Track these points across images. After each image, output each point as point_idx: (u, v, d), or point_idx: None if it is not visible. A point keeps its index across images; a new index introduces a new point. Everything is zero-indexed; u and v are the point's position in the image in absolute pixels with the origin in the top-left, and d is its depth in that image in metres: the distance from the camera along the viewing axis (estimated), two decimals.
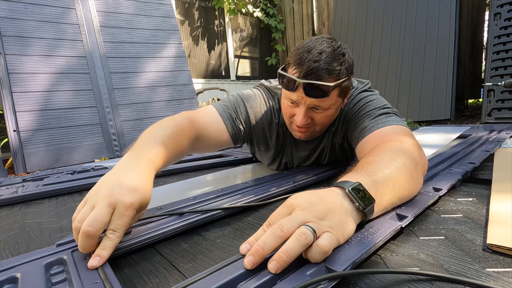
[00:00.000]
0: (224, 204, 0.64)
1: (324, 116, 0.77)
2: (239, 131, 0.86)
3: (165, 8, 2.98)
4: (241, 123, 0.86)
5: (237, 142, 0.88)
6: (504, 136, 1.31)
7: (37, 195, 0.90)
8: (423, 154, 0.62)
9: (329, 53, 0.69)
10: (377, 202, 0.46)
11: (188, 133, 0.72)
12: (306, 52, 0.70)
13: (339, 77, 0.70)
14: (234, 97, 0.89)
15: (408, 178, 0.53)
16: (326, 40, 0.72)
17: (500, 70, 2.75)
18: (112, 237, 0.42)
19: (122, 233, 0.44)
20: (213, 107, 0.85)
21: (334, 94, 0.72)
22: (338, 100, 0.76)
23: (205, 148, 0.83)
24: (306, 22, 5.33)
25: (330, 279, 0.33)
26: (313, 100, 0.72)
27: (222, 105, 0.86)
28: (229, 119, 0.84)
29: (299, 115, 0.76)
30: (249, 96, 0.89)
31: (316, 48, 0.69)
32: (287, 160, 0.99)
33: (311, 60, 0.68)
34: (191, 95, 2.95)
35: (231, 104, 0.86)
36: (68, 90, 2.32)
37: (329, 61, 0.68)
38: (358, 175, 0.49)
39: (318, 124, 0.80)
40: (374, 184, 0.47)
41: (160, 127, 0.66)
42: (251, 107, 0.88)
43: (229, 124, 0.83)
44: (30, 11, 2.27)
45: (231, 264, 0.37)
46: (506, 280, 0.35)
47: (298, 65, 0.70)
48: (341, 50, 0.71)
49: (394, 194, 0.50)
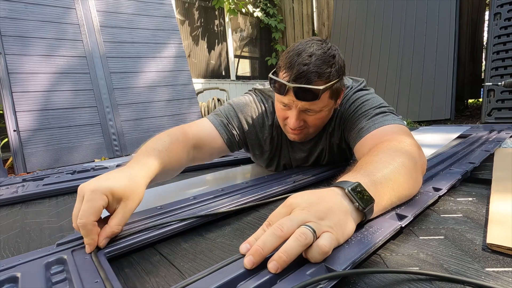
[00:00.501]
0: (224, 204, 0.64)
1: (317, 118, 0.78)
2: (233, 136, 0.87)
3: (165, 8, 2.98)
4: (234, 128, 0.87)
5: (232, 148, 0.89)
6: (504, 136, 1.31)
7: (37, 195, 0.90)
8: (422, 154, 0.62)
9: (319, 56, 0.69)
10: (377, 202, 0.46)
11: (183, 143, 0.73)
12: (296, 55, 0.70)
13: (330, 79, 0.70)
14: (225, 106, 0.91)
15: (407, 178, 0.53)
16: (316, 42, 0.72)
17: (500, 70, 2.75)
18: (80, 222, 0.44)
19: (88, 217, 0.44)
20: (205, 118, 0.87)
21: (325, 96, 0.73)
22: (330, 102, 0.76)
23: (203, 157, 0.84)
24: (306, 22, 5.33)
25: (329, 279, 0.33)
26: (304, 103, 0.72)
27: (213, 115, 0.88)
28: (221, 125, 0.85)
29: (292, 118, 0.76)
30: (239, 102, 0.90)
31: (306, 51, 0.69)
32: (285, 162, 0.99)
33: (300, 63, 0.68)
34: (191, 95, 2.95)
35: (222, 112, 0.88)
36: (68, 90, 2.32)
37: (319, 63, 0.68)
38: (358, 175, 0.49)
39: (311, 126, 0.80)
40: (373, 184, 0.47)
41: (155, 140, 0.69)
42: (242, 112, 0.88)
43: (221, 130, 0.84)
44: (30, 11, 2.27)
45: (231, 263, 0.37)
46: (505, 280, 0.35)
47: (288, 69, 0.70)
48: (331, 52, 0.71)
49: (394, 194, 0.51)
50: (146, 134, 2.58)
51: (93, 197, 0.45)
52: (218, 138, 0.84)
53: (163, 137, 0.70)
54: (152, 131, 2.61)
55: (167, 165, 0.65)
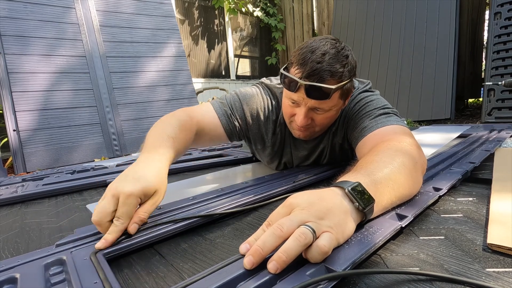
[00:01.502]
0: (224, 204, 0.64)
1: (325, 117, 0.78)
2: (234, 127, 0.87)
3: (165, 7, 2.98)
4: (236, 120, 0.87)
5: (232, 138, 0.90)
6: (504, 136, 1.31)
7: (37, 195, 0.90)
8: (422, 154, 0.62)
9: (333, 55, 0.68)
10: (377, 202, 0.46)
11: (190, 128, 0.76)
12: (309, 53, 0.69)
13: (342, 79, 0.70)
14: (231, 94, 0.91)
15: (407, 177, 0.53)
16: (330, 41, 0.71)
17: (500, 69, 2.75)
18: (117, 223, 0.48)
19: (126, 219, 0.49)
20: (210, 104, 0.88)
21: (335, 96, 0.72)
22: (339, 102, 0.76)
23: (204, 142, 0.86)
24: (306, 22, 5.32)
25: (329, 279, 0.33)
26: (314, 101, 0.72)
27: (218, 102, 0.88)
28: (224, 115, 0.86)
29: (300, 115, 0.76)
30: (246, 93, 0.90)
31: (320, 49, 0.69)
32: (286, 159, 0.99)
33: (314, 61, 0.68)
34: (191, 94, 2.95)
35: (227, 101, 0.88)
36: (68, 89, 2.32)
37: (332, 62, 0.68)
38: (358, 175, 0.49)
39: (318, 125, 0.80)
40: (373, 184, 0.47)
41: (165, 124, 0.71)
42: (247, 104, 0.88)
43: (224, 120, 0.85)
44: (30, 11, 2.27)
45: (231, 264, 0.37)
46: (506, 280, 0.35)
47: (301, 65, 0.70)
48: (345, 52, 0.71)
49: (394, 194, 0.50)
50: (145, 134, 2.57)
51: (130, 201, 0.49)
52: (219, 127, 0.85)
53: (172, 122, 0.72)
54: None
55: (178, 153, 0.69)
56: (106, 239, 0.46)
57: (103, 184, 1.03)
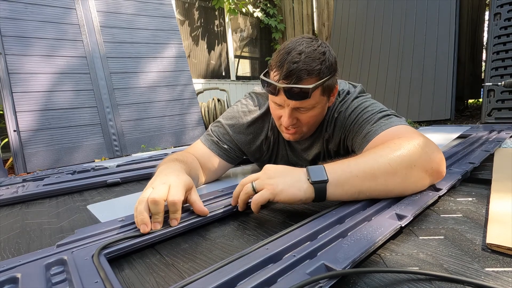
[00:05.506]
0: (224, 204, 0.64)
1: (310, 116, 0.78)
2: (226, 150, 0.91)
3: (165, 8, 2.99)
4: (224, 143, 0.91)
5: (232, 161, 0.94)
6: (504, 136, 1.31)
7: (38, 195, 0.90)
8: (429, 152, 0.59)
9: (308, 53, 0.69)
10: (338, 185, 0.53)
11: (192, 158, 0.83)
12: (285, 54, 0.70)
13: (320, 76, 0.70)
14: (216, 124, 0.95)
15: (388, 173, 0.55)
16: (306, 40, 0.72)
17: (500, 70, 2.75)
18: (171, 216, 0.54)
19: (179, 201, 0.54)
20: (199, 140, 0.93)
21: (316, 94, 0.73)
22: (322, 99, 0.76)
23: (211, 174, 0.92)
24: (306, 22, 5.33)
25: (329, 278, 0.33)
26: (296, 102, 0.73)
27: (205, 135, 0.94)
28: (212, 144, 0.90)
29: (285, 116, 0.77)
30: (227, 115, 0.94)
31: (296, 49, 0.70)
32: (283, 162, 0.99)
33: (290, 61, 0.68)
34: (191, 95, 2.95)
35: (212, 131, 0.93)
36: (68, 90, 2.32)
37: (308, 61, 0.68)
38: (333, 164, 0.57)
39: (305, 125, 0.80)
40: (340, 170, 0.54)
41: (169, 159, 0.75)
42: (230, 125, 0.92)
43: (214, 148, 0.90)
44: (31, 11, 2.28)
45: (230, 263, 0.37)
46: (505, 280, 0.35)
47: (278, 68, 0.71)
48: (321, 49, 0.71)
49: (362, 183, 0.55)
50: (146, 134, 2.58)
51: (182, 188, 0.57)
52: (213, 156, 0.89)
53: (174, 157, 0.76)
54: (153, 131, 2.61)
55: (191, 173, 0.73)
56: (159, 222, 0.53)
57: (104, 184, 1.03)
